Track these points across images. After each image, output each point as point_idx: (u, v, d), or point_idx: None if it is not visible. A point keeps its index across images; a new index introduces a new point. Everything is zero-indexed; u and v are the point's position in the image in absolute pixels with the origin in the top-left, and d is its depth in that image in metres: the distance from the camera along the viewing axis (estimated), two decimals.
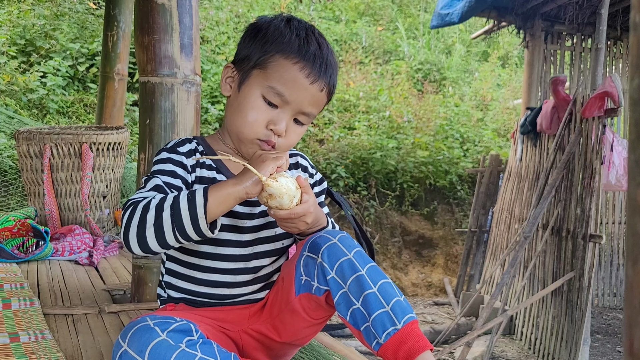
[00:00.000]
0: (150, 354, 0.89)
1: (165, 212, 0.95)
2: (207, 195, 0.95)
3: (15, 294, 1.67)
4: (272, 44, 1.08)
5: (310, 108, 1.10)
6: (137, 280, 1.72)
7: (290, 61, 1.06)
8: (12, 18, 5.71)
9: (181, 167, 1.09)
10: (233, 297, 1.14)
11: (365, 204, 6.17)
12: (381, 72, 8.22)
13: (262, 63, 1.08)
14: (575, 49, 5.24)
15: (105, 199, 2.83)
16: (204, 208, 0.94)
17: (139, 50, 1.65)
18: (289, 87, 1.06)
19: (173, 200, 0.96)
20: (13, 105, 4.96)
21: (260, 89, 1.08)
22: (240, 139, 1.11)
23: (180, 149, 1.11)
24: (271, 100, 1.07)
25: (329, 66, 1.10)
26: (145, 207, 0.96)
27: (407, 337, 0.96)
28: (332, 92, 1.14)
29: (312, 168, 1.26)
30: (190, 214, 0.94)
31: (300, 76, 1.06)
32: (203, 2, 7.40)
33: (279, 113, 1.08)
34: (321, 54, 1.09)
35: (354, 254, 1.01)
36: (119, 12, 3.37)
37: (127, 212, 0.98)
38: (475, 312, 4.56)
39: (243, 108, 1.09)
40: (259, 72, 1.08)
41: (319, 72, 1.08)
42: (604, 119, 3.72)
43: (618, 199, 5.05)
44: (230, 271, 1.13)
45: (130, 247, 0.97)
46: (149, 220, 0.95)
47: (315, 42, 1.09)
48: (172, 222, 0.95)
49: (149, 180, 1.05)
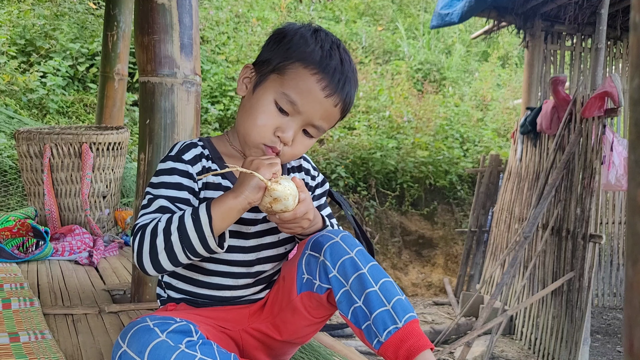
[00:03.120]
0: (150, 354, 0.89)
1: (173, 235, 0.97)
2: (211, 213, 0.97)
3: (15, 294, 1.67)
4: (295, 51, 1.06)
5: (321, 122, 1.08)
6: (137, 280, 1.72)
7: (309, 71, 1.05)
8: (12, 18, 5.71)
9: (186, 176, 1.08)
10: (233, 299, 1.15)
11: (365, 204, 6.17)
12: (381, 72, 8.22)
13: (281, 68, 1.07)
14: (575, 49, 5.24)
15: (105, 199, 2.83)
16: (209, 226, 0.96)
17: (139, 50, 1.65)
18: (303, 97, 1.05)
19: (179, 223, 0.97)
20: (13, 105, 4.96)
21: (274, 94, 1.06)
22: (246, 141, 1.09)
23: (185, 156, 1.09)
24: (283, 107, 1.06)
25: (348, 82, 1.08)
26: (153, 231, 0.98)
27: (408, 335, 0.96)
28: (347, 109, 1.12)
29: (314, 170, 1.26)
30: (198, 235, 0.96)
31: (316, 88, 1.05)
32: (203, 2, 7.40)
33: (289, 121, 1.06)
34: (342, 69, 1.07)
35: (356, 253, 1.02)
36: (119, 12, 3.37)
37: (136, 238, 1.00)
38: (475, 312, 4.56)
39: (254, 110, 1.08)
40: (276, 77, 1.07)
41: (336, 86, 1.06)
42: (604, 119, 3.72)
43: (618, 199, 5.05)
44: (233, 275, 1.13)
45: (146, 271, 1.00)
46: (159, 246, 0.97)
47: (338, 57, 1.07)
48: (182, 244, 0.97)
49: (154, 201, 1.05)
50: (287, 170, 1.21)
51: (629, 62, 0.41)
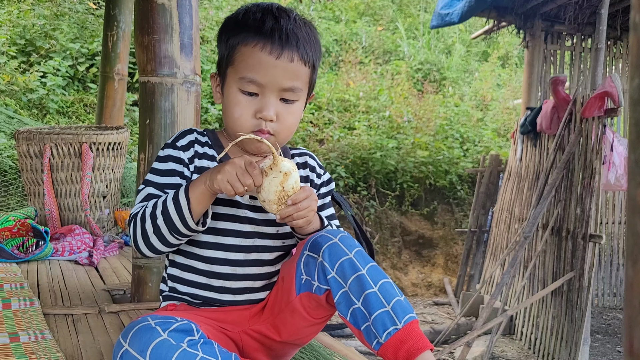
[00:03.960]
0: (151, 353, 0.89)
1: (159, 219, 1.04)
2: (189, 196, 1.02)
3: (15, 294, 1.67)
4: (233, 37, 1.09)
5: (290, 82, 1.08)
6: (137, 280, 1.72)
7: (250, 46, 1.07)
8: (12, 18, 5.71)
9: (179, 162, 1.12)
10: (234, 292, 1.13)
11: (365, 204, 6.17)
12: (381, 72, 8.22)
13: (230, 59, 1.10)
14: (575, 49, 5.24)
15: (105, 199, 2.83)
16: (188, 209, 1.02)
17: (139, 50, 1.65)
18: (257, 71, 1.06)
19: (163, 207, 1.04)
20: (13, 105, 4.96)
21: (235, 84, 1.09)
22: (236, 137, 1.09)
23: (180, 142, 1.14)
24: (248, 90, 1.08)
25: (292, 35, 1.07)
26: (142, 218, 1.06)
27: (408, 336, 0.96)
28: (310, 59, 1.11)
29: (320, 168, 1.25)
30: (179, 217, 1.03)
31: (263, 55, 1.06)
32: (203, 2, 7.40)
33: (261, 99, 1.08)
34: (279, 27, 1.06)
35: (354, 254, 1.02)
36: (119, 12, 3.37)
37: (130, 226, 1.09)
38: (475, 312, 4.56)
39: (228, 108, 1.11)
40: (231, 69, 1.10)
41: (280, 44, 1.05)
42: (604, 119, 3.72)
43: (618, 199, 5.05)
44: (231, 262, 1.12)
45: (144, 253, 1.09)
46: (148, 230, 1.05)
47: (272, 17, 1.07)
48: (167, 227, 1.04)
49: (144, 189, 1.12)
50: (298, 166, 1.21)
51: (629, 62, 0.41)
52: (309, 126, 6.66)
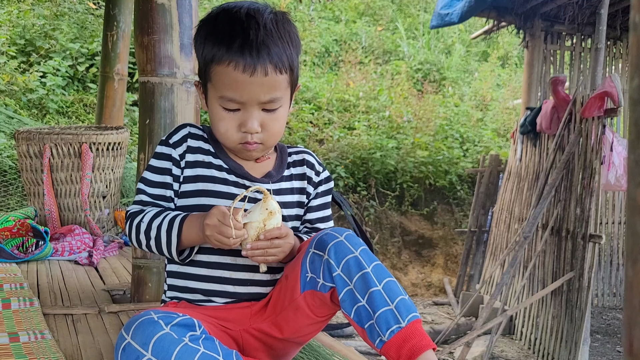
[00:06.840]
0: (154, 346, 0.90)
1: (151, 240, 1.10)
2: (181, 237, 1.07)
3: (15, 294, 1.67)
4: (207, 49, 1.08)
5: (268, 95, 1.07)
6: (137, 280, 1.72)
7: (224, 65, 1.05)
8: (12, 18, 5.71)
9: (168, 160, 1.14)
10: (234, 283, 1.13)
11: (365, 204, 6.17)
12: (381, 72, 8.22)
13: (207, 75, 1.10)
14: (575, 49, 5.24)
15: (105, 199, 2.83)
16: (176, 250, 1.08)
17: (139, 50, 1.65)
18: (234, 90, 1.05)
19: (156, 233, 1.09)
20: (13, 105, 4.96)
21: (216, 101, 1.09)
22: (226, 146, 1.15)
23: (173, 138, 1.16)
24: (229, 107, 1.08)
25: (262, 47, 1.03)
26: (137, 228, 1.11)
27: (411, 335, 0.96)
28: (286, 64, 1.07)
29: (319, 165, 1.25)
30: (168, 251, 1.09)
31: (237, 75, 1.04)
32: (203, 2, 7.40)
33: (243, 114, 1.08)
34: (248, 41, 1.03)
35: (360, 252, 1.02)
36: (119, 12, 3.37)
37: (127, 224, 1.13)
38: (475, 312, 4.55)
39: (214, 122, 1.12)
40: (210, 85, 1.11)
41: (252, 61, 1.03)
42: (603, 119, 3.72)
43: (618, 199, 5.05)
44: (231, 252, 1.12)
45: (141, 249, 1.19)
46: (143, 242, 1.12)
47: (240, 29, 1.04)
48: (157, 251, 1.11)
49: (138, 187, 1.16)
50: (288, 165, 1.21)
51: (629, 62, 0.41)
52: (308, 126, 6.66)
